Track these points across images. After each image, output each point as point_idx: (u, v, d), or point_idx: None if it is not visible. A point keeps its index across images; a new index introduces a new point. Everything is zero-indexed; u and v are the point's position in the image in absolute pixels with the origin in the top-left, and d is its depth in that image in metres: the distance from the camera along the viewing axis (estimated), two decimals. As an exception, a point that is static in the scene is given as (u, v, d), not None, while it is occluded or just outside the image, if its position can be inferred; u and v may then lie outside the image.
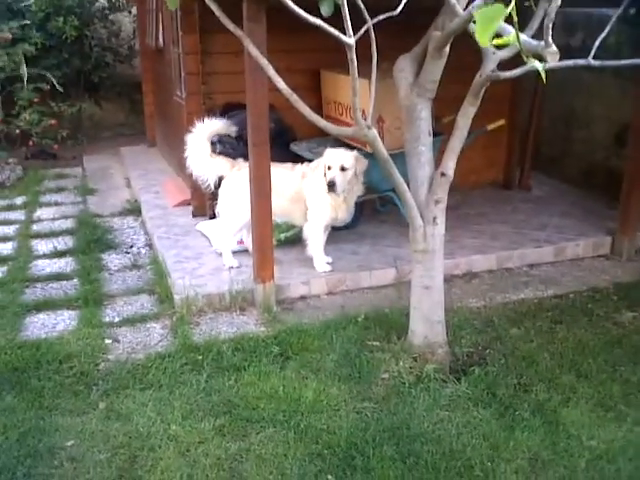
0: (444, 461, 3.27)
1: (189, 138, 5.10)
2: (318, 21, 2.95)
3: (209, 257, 5.27)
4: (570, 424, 3.56)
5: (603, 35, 2.74)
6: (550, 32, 2.63)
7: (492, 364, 4.02)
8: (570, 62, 3.13)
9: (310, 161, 5.21)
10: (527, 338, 4.35)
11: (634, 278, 5.23)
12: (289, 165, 5.14)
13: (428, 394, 3.74)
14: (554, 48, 2.61)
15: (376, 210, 6.06)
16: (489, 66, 3.48)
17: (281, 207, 4.96)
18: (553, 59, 2.60)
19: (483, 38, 2.24)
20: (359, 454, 3.29)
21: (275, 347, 4.15)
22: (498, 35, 2.74)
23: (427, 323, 3.98)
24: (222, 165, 5.14)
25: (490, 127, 5.88)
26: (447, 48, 3.66)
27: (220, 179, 5.20)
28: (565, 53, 2.81)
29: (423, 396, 3.72)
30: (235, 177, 5.08)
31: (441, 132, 5.15)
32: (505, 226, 5.86)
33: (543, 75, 2.70)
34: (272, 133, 5.65)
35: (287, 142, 5.92)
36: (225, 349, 4.15)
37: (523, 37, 2.66)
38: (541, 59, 2.76)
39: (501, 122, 6.03)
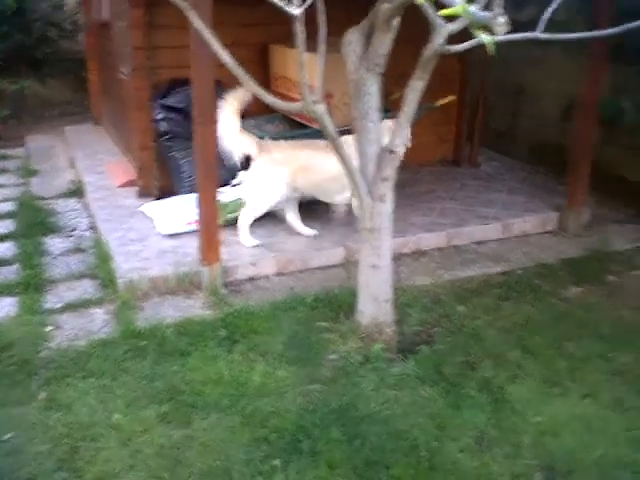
0: (390, 441, 3.25)
1: (219, 110, 4.73)
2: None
3: (154, 239, 5.15)
4: (516, 401, 3.58)
5: (551, 9, 2.71)
6: (500, 2, 2.59)
7: (440, 342, 4.03)
8: (518, 36, 3.09)
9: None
10: (474, 315, 4.36)
11: (581, 253, 5.28)
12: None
13: (376, 374, 3.72)
14: (503, 19, 2.57)
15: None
16: (438, 40, 3.41)
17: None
18: (502, 31, 2.55)
19: None
20: (306, 437, 3.25)
21: (222, 330, 4.08)
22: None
23: (375, 302, 3.95)
24: (249, 144, 4.99)
25: (439, 103, 5.84)
26: (396, 21, 3.60)
27: (247, 158, 5.08)
28: (515, 28, 2.79)
29: (370, 376, 3.70)
30: (264, 161, 4.99)
31: (389, 109, 5.09)
32: (454, 203, 5.86)
33: (492, 48, 2.68)
34: (217, 110, 5.57)
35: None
36: (170, 334, 4.06)
37: (472, 8, 2.62)
38: (491, 32, 2.73)
39: (451, 97, 6.01)
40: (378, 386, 3.64)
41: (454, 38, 3.33)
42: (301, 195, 5.19)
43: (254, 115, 5.68)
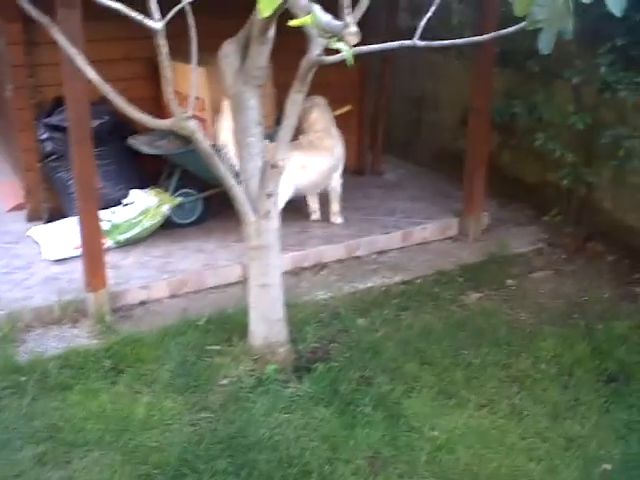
0: (280, 469, 3.12)
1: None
2: (117, 4, 2.72)
3: (41, 266, 4.87)
4: (412, 416, 3.50)
5: (427, 16, 2.66)
6: (349, 11, 2.49)
7: (336, 358, 3.92)
8: (395, 44, 3.06)
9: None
10: (373, 328, 4.27)
11: (479, 258, 5.27)
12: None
13: (267, 397, 3.57)
14: (353, 29, 2.47)
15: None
16: (315, 50, 3.32)
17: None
18: (353, 40, 2.45)
19: (266, 10, 2.07)
20: (190, 471, 3.09)
21: (106, 361, 3.85)
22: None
23: (266, 322, 3.81)
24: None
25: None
26: (271, 32, 3.48)
27: None
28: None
29: (262, 400, 3.55)
30: None
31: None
32: (356, 213, 5.77)
33: (350, 59, 2.58)
34: (106, 128, 5.35)
35: (126, 136, 5.58)
36: (52, 367, 3.80)
37: (324, 18, 2.51)
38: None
39: (347, 108, 5.97)
40: (270, 410, 3.50)
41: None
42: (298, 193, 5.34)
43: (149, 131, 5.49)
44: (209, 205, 5.49)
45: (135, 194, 5.25)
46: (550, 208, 5.68)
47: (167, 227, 5.25)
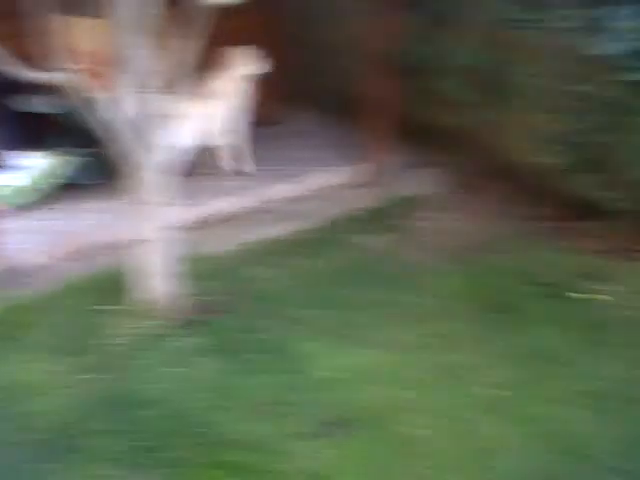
0: (171, 423, 3.13)
1: None
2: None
3: None
4: (304, 358, 3.57)
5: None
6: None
7: (234, 309, 3.94)
8: None
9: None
10: (271, 277, 4.31)
11: (381, 203, 5.33)
12: None
13: (161, 353, 3.58)
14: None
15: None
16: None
17: None
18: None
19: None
20: (79, 432, 3.08)
21: (-7, 328, 3.79)
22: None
23: (159, 277, 3.79)
24: None
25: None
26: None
27: None
28: None
29: (156, 356, 3.56)
30: None
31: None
32: (258, 164, 5.73)
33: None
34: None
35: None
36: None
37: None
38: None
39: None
40: (161, 365, 3.51)
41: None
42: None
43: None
44: (105, 164, 5.36)
45: (31, 156, 5.11)
46: (451, 150, 5.77)
47: (68, 188, 5.14)
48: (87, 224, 4.82)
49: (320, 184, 5.55)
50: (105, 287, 4.11)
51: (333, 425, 3.15)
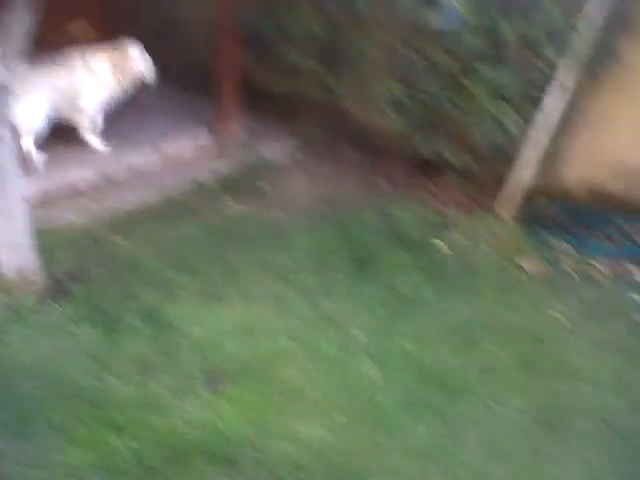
0: (49, 391, 3.07)
1: None
2: None
3: None
4: (176, 320, 3.59)
5: None
6: None
7: (96, 279, 3.86)
8: None
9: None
10: (131, 244, 4.23)
11: (236, 170, 5.36)
12: None
13: (26, 327, 3.45)
14: None
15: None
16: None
17: None
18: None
19: None
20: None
21: None
22: None
23: (14, 251, 3.63)
24: None
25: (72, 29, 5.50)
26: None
27: None
28: None
29: (21, 330, 3.42)
30: None
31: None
32: (108, 134, 5.57)
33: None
34: None
35: None
36: None
37: None
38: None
39: (83, 24, 5.69)
40: (30, 338, 3.38)
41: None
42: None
43: None
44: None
45: None
46: (301, 117, 5.93)
47: None
48: None
49: (174, 152, 5.50)
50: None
51: (219, 379, 3.23)
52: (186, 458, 2.79)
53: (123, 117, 5.88)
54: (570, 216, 5.13)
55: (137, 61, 5.25)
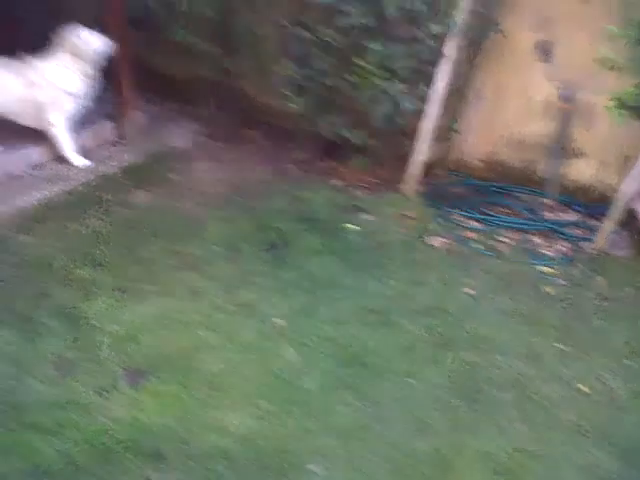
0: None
1: None
2: None
3: None
4: (92, 317, 3.53)
5: None
6: None
7: (5, 279, 3.73)
8: None
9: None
10: (39, 243, 4.10)
11: (141, 159, 5.25)
12: None
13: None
14: None
15: None
16: None
17: None
18: None
19: None
20: None
21: None
22: None
23: None
24: None
25: None
26: None
27: None
28: None
29: None
30: None
31: None
32: (7, 130, 5.33)
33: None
34: None
35: None
36: None
37: None
38: None
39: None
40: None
41: None
42: None
43: None
44: None
45: None
46: (203, 101, 5.87)
47: None
48: None
49: (76, 143, 5.32)
50: None
51: (140, 374, 3.20)
52: (115, 456, 2.77)
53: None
54: (473, 190, 5.36)
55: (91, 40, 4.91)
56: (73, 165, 5.03)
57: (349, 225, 4.66)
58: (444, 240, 4.62)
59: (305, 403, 3.15)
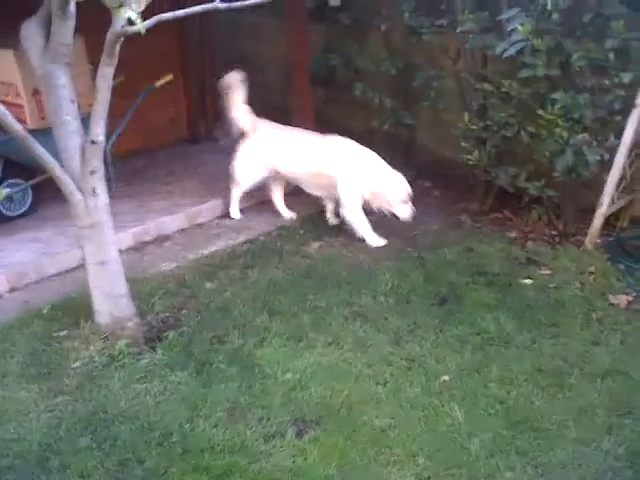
0: (142, 435, 3.19)
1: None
2: None
3: None
4: (265, 364, 3.67)
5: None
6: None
7: (187, 324, 4.01)
8: (197, 8, 3.17)
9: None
10: (221, 289, 4.39)
11: (316, 210, 5.46)
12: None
13: (122, 371, 3.61)
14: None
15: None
16: (118, 22, 3.31)
17: None
18: (137, 7, 2.51)
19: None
20: (53, 454, 3.10)
21: (-48, 362, 3.73)
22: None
23: (110, 299, 3.82)
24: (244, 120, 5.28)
25: (158, 84, 5.75)
26: (72, 7, 3.42)
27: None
28: None
29: (117, 375, 3.59)
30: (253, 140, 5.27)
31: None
32: (193, 181, 5.82)
33: (141, 28, 2.64)
34: None
35: None
36: None
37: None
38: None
39: (169, 77, 5.92)
40: (126, 383, 3.54)
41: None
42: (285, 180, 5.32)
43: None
44: (39, 193, 5.35)
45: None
46: (379, 153, 5.99)
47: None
48: (26, 253, 4.78)
49: (257, 196, 5.65)
50: (61, 313, 4.12)
51: (306, 423, 3.28)
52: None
53: (208, 165, 6.12)
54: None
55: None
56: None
57: (524, 280, 4.50)
58: (628, 298, 4.31)
59: (469, 465, 3.05)
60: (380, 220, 5.16)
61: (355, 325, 4.04)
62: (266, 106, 7.27)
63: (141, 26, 2.56)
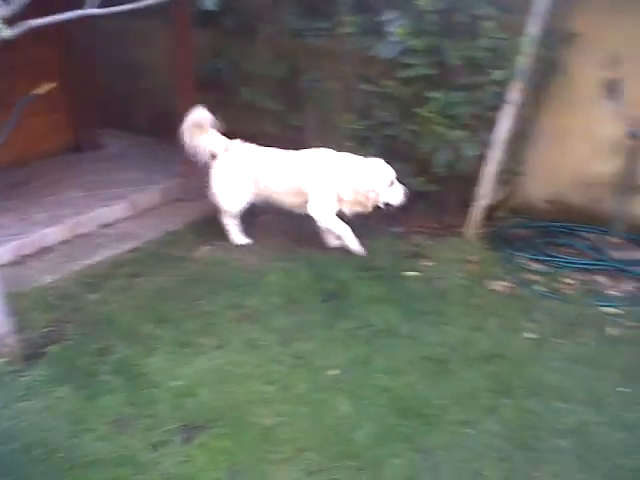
0: (26, 454, 3.07)
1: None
2: None
3: None
4: (153, 372, 3.61)
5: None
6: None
7: (70, 337, 3.89)
8: (66, 15, 3.10)
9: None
10: (107, 300, 4.28)
11: (205, 215, 5.43)
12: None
13: (3, 390, 3.46)
14: None
15: None
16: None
17: None
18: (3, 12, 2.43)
19: None
20: None
21: None
22: None
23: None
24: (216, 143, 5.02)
25: (37, 92, 5.58)
26: None
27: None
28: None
29: (2, 394, 3.44)
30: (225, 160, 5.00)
31: None
32: (76, 191, 5.65)
33: (7, 35, 2.56)
34: None
35: None
36: None
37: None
38: None
39: (51, 85, 5.75)
40: (7, 402, 3.39)
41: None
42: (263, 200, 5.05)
43: None
44: None
45: None
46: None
47: None
48: None
49: (143, 203, 5.57)
50: None
51: (196, 428, 3.25)
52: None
53: (93, 173, 5.98)
54: (536, 232, 5.24)
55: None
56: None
57: (410, 272, 4.63)
58: (506, 284, 4.52)
59: (357, 456, 3.10)
60: (270, 220, 5.20)
61: (244, 327, 4.04)
62: (153, 111, 7.22)
63: (8, 33, 2.47)
